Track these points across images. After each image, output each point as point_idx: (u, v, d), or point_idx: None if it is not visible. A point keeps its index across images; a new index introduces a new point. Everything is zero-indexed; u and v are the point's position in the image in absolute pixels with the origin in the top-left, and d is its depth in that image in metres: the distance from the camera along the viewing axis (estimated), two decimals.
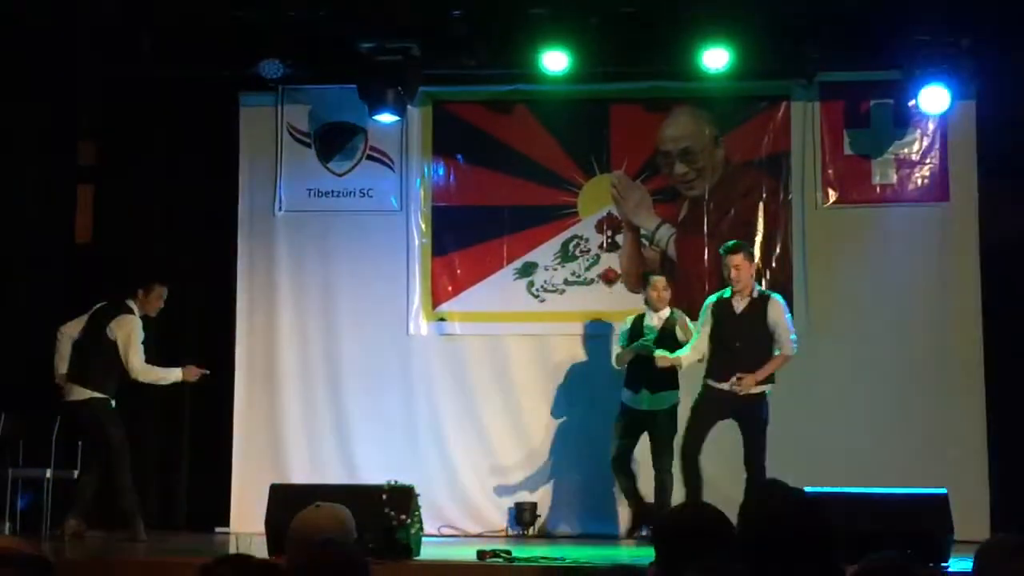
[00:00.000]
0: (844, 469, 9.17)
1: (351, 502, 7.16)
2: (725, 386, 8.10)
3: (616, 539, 9.25)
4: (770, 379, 8.16)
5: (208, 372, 8.84)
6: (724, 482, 8.10)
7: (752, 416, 8.09)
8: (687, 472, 8.14)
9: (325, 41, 9.27)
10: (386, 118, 9.50)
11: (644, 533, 8.66)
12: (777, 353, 8.16)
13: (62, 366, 8.66)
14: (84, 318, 8.72)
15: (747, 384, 8.05)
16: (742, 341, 8.16)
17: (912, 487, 8.04)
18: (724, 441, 8.22)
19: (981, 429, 9.15)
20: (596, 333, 9.65)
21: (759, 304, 8.22)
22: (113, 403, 8.62)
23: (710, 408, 8.18)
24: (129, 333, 8.61)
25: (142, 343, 8.65)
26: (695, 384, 8.36)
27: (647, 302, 8.86)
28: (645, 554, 4.29)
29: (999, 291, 9.24)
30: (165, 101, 9.88)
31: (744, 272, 8.20)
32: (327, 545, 3.56)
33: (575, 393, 9.54)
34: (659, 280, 8.88)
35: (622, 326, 8.99)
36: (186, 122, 9.97)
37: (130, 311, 8.68)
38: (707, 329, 8.29)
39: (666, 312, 8.75)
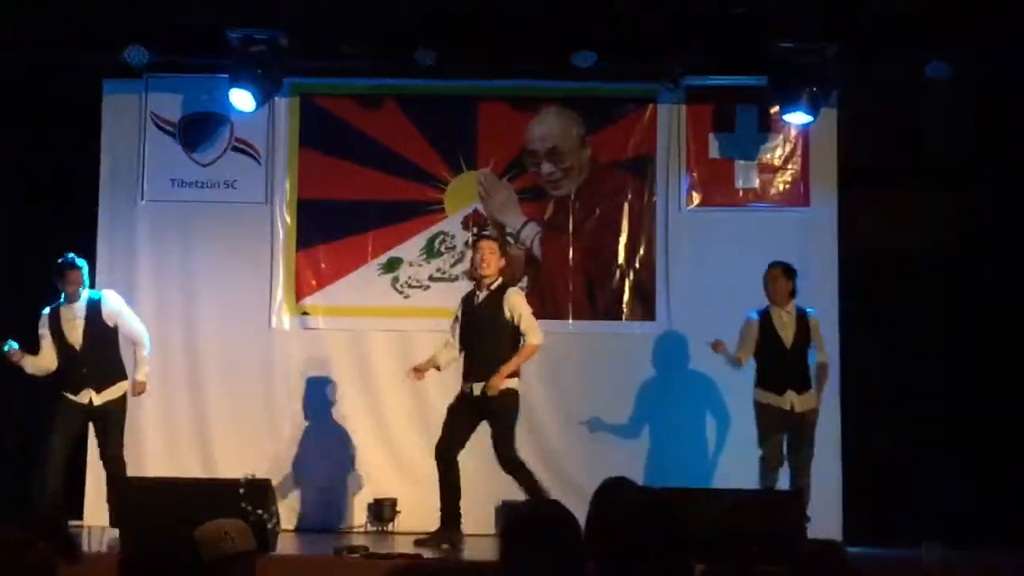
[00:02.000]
0: (701, 468, 9.34)
1: (208, 496, 7.40)
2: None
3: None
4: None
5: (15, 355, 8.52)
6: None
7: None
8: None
9: (192, 28, 9.06)
10: (241, 103, 9.28)
11: None
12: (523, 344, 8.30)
13: None
14: None
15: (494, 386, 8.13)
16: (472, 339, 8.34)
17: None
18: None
19: (835, 430, 9.23)
20: None
21: (497, 294, 8.30)
22: None
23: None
24: None
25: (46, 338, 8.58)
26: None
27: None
28: None
29: (856, 296, 9.35)
30: (25, 83, 9.54)
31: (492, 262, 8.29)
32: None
33: (437, 389, 9.40)
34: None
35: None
36: (49, 108, 9.65)
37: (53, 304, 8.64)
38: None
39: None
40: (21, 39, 9.05)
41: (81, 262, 8.55)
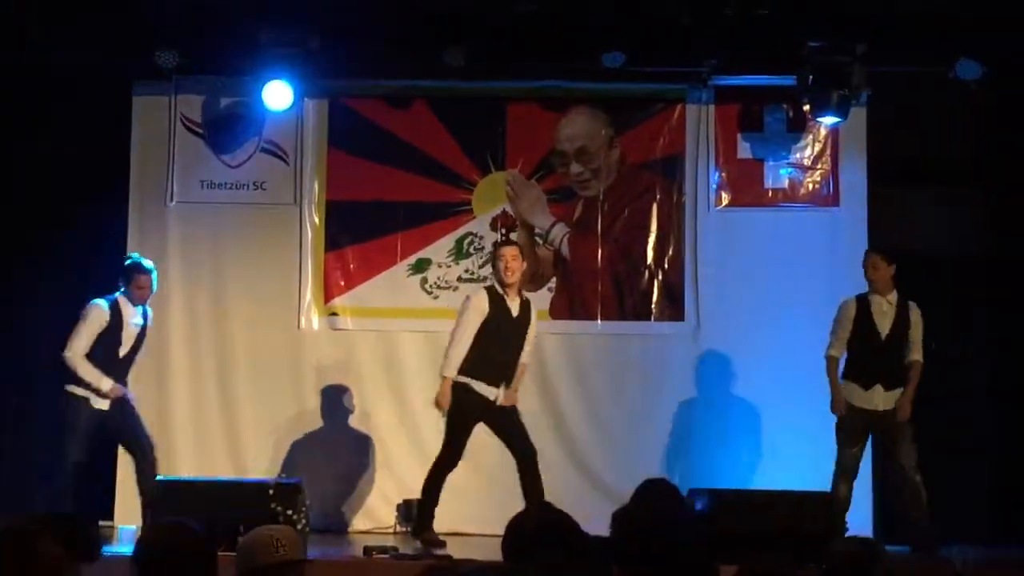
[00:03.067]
0: (731, 468, 9.34)
1: (238, 498, 7.44)
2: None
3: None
4: None
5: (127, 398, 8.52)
6: None
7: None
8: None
9: (222, 31, 9.07)
10: (275, 100, 9.25)
11: None
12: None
13: None
14: None
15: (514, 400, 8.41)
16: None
17: (799, 487, 8.11)
18: None
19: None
20: None
21: (528, 306, 8.48)
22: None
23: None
24: (82, 317, 8.44)
25: (99, 334, 8.40)
26: None
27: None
28: None
29: None
30: (57, 86, 9.59)
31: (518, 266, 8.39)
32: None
33: None
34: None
35: None
36: (80, 109, 9.69)
37: (107, 298, 8.51)
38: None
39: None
40: (53, 41, 9.06)
41: (151, 268, 8.57)
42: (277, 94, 9.15)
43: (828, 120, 9.24)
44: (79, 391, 8.29)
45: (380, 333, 9.79)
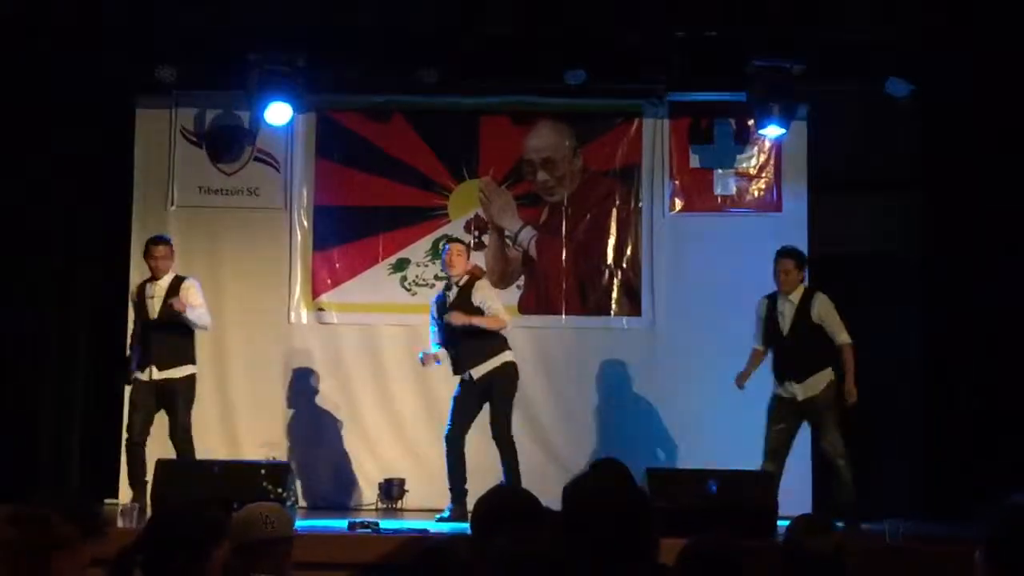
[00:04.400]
0: (682, 451, 9.56)
1: (233, 477, 7.65)
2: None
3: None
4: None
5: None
6: None
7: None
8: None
9: (218, 49, 9.29)
10: (276, 118, 9.53)
11: None
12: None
13: None
14: None
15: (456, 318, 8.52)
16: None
17: (744, 467, 8.28)
18: None
19: None
20: None
21: (466, 287, 8.68)
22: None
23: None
24: None
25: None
26: None
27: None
28: None
29: (824, 294, 9.51)
30: (64, 99, 9.74)
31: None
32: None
33: (442, 377, 9.72)
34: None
35: None
36: (85, 120, 9.87)
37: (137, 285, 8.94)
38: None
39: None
40: (62, 57, 9.23)
41: (167, 238, 8.84)
42: (277, 113, 9.41)
43: (771, 132, 9.48)
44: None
45: (363, 327, 9.98)
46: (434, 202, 10.07)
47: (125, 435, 8.74)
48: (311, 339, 10.04)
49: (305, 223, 10.08)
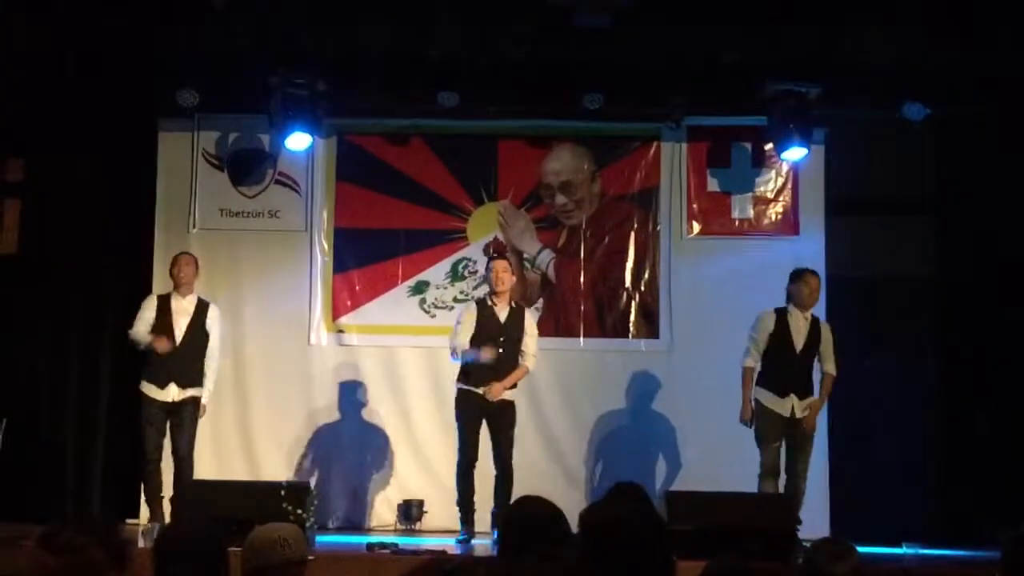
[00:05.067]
0: (700, 473, 9.48)
1: (253, 497, 7.64)
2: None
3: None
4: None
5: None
6: None
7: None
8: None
9: (239, 74, 9.34)
10: (296, 144, 9.60)
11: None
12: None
13: None
14: None
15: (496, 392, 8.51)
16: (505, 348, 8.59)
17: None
18: None
19: (824, 438, 9.32)
20: None
21: (519, 312, 8.68)
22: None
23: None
24: None
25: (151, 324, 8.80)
26: None
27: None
28: None
29: (841, 316, 9.45)
30: (90, 123, 9.79)
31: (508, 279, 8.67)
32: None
33: None
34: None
35: None
36: (109, 143, 9.91)
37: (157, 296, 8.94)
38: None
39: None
40: (85, 81, 9.28)
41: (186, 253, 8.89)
42: (297, 141, 9.47)
43: (793, 155, 9.47)
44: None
45: (382, 348, 9.98)
46: (453, 225, 10.08)
47: (142, 455, 8.73)
48: (331, 360, 10.03)
49: (325, 245, 10.09)
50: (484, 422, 8.59)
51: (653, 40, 8.89)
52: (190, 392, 8.74)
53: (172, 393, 8.70)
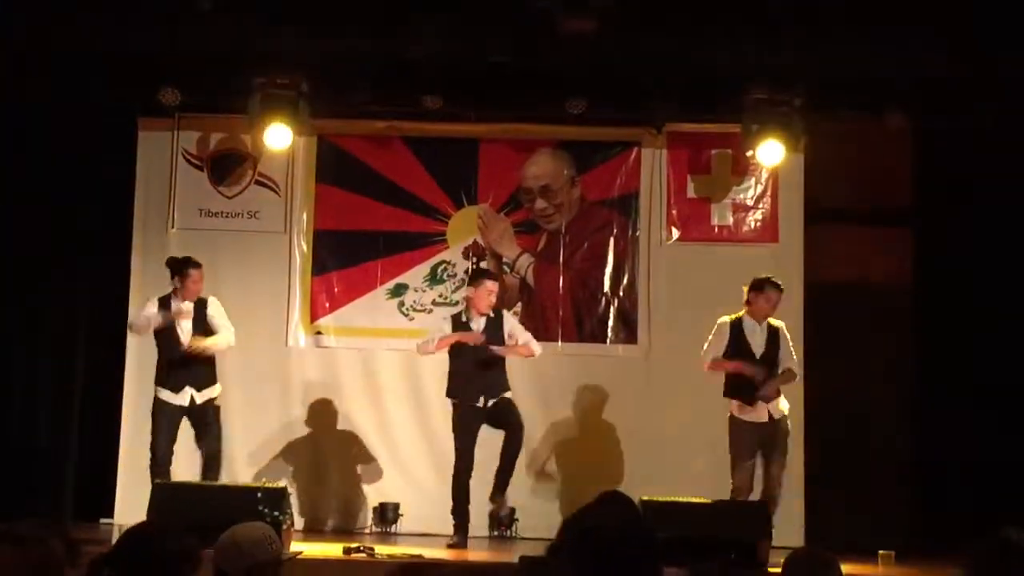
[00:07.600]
0: (676, 479, 9.21)
1: (229, 500, 7.55)
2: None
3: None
4: None
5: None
6: None
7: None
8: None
9: (221, 74, 9.17)
10: (276, 141, 9.37)
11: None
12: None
13: None
14: None
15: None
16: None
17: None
18: None
19: (799, 445, 9.24)
20: None
21: (498, 319, 8.76)
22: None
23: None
24: None
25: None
26: None
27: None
28: None
29: (819, 322, 9.49)
30: (69, 120, 9.68)
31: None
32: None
33: (438, 402, 9.59)
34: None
35: None
36: (88, 140, 9.81)
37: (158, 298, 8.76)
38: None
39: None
40: (67, 80, 9.15)
41: (199, 263, 8.73)
42: (277, 136, 9.22)
43: (768, 158, 9.33)
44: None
45: (361, 351, 9.91)
46: (433, 228, 10.01)
47: (151, 458, 8.56)
48: (309, 362, 9.97)
49: (304, 247, 10.01)
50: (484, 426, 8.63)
51: (635, 46, 8.75)
52: (207, 393, 8.65)
53: (189, 397, 8.60)
